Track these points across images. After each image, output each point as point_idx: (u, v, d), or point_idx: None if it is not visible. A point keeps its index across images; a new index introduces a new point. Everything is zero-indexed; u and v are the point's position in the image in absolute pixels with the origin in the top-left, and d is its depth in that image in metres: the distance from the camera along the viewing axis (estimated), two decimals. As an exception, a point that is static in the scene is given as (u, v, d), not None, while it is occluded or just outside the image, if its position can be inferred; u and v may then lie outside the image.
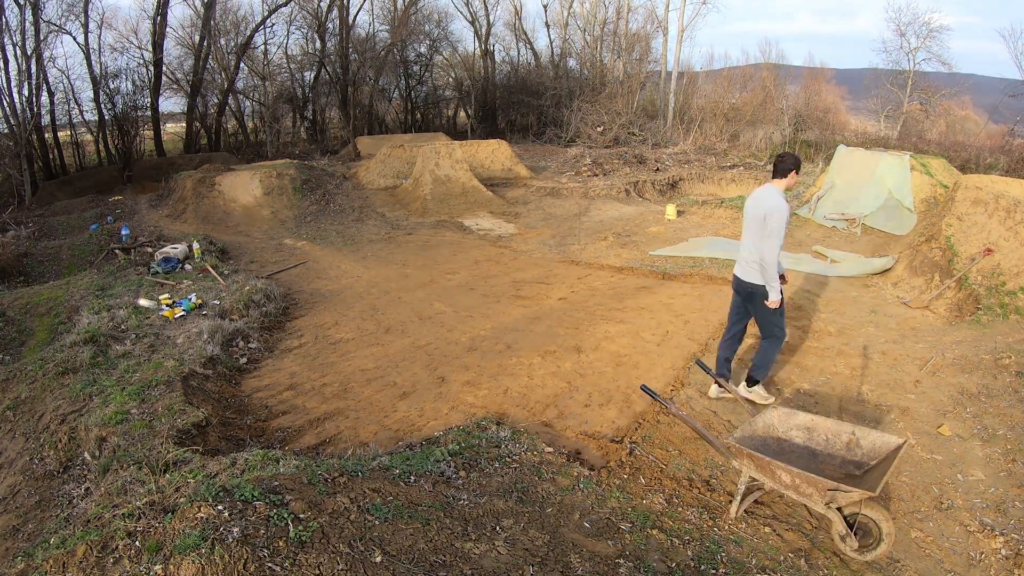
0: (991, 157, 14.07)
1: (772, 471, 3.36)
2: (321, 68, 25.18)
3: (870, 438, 3.56)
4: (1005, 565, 3.23)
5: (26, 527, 3.98)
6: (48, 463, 4.51)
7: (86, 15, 19.78)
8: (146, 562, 2.34)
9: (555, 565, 2.91)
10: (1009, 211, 7.00)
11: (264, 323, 7.13)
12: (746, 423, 3.80)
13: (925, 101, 21.38)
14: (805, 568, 3.24)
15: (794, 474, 3.26)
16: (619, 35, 27.03)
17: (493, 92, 29.35)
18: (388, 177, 15.57)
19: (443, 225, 12.45)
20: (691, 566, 3.13)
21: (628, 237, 10.90)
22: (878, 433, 3.56)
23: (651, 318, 6.90)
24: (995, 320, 6.25)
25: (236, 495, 2.77)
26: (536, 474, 3.85)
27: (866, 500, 3.17)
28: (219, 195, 13.47)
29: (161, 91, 21.81)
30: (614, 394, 5.22)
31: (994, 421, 4.52)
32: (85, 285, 8.09)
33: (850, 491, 3.09)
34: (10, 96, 17.02)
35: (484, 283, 8.53)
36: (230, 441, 4.63)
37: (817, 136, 18.21)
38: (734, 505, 3.59)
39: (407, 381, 5.60)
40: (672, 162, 17.87)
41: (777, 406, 3.95)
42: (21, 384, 5.49)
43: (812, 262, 8.94)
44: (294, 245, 11.25)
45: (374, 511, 2.98)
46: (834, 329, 6.47)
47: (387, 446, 4.37)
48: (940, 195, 9.49)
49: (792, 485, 3.31)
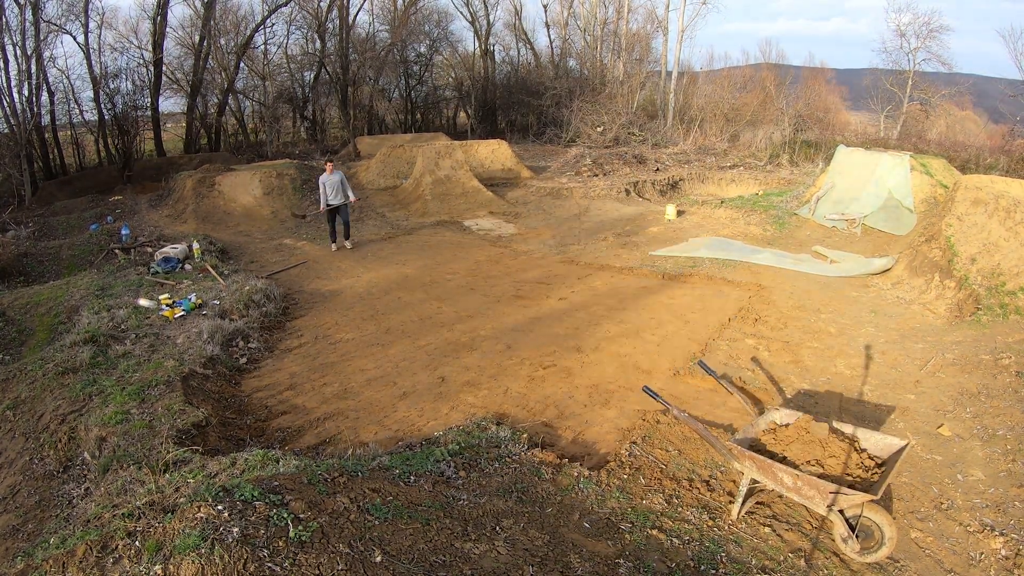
0: (991, 157, 14.06)
1: (774, 473, 3.35)
2: (321, 68, 25.16)
3: (872, 439, 3.55)
4: (1005, 565, 3.23)
5: (26, 527, 3.98)
6: (48, 463, 4.51)
7: (86, 15, 19.77)
8: (146, 562, 2.34)
9: (555, 565, 2.91)
10: (1009, 211, 7.00)
11: (264, 323, 7.12)
12: (748, 425, 3.80)
13: (925, 101, 21.37)
14: (805, 568, 3.24)
15: (796, 476, 3.25)
16: (619, 35, 27.02)
17: (493, 92, 29.33)
18: (388, 177, 15.56)
19: (443, 225, 12.45)
20: (691, 566, 3.13)
21: (628, 237, 10.90)
22: (880, 435, 3.56)
23: (651, 318, 6.89)
24: (995, 320, 6.25)
25: (236, 495, 2.77)
26: (536, 474, 3.85)
27: (868, 503, 3.16)
28: (219, 195, 13.47)
29: (161, 91, 21.80)
30: (614, 394, 5.22)
31: (994, 421, 4.52)
32: (85, 285, 8.08)
33: (852, 494, 3.08)
34: (10, 96, 17.02)
35: (484, 283, 8.53)
36: (230, 441, 4.63)
37: (817, 136, 18.19)
38: (735, 507, 3.58)
39: (407, 381, 5.60)
40: (672, 162, 17.87)
41: (779, 407, 3.95)
42: (21, 384, 5.49)
43: (812, 262, 8.94)
44: (294, 245, 11.25)
45: (374, 511, 2.97)
46: (834, 329, 6.47)
47: (387, 446, 4.37)
48: (940, 195, 9.49)
49: (794, 487, 3.30)
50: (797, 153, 16.95)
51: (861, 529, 3.28)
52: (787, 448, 3.69)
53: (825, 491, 3.17)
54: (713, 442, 3.59)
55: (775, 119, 20.78)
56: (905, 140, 17.55)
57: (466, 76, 29.53)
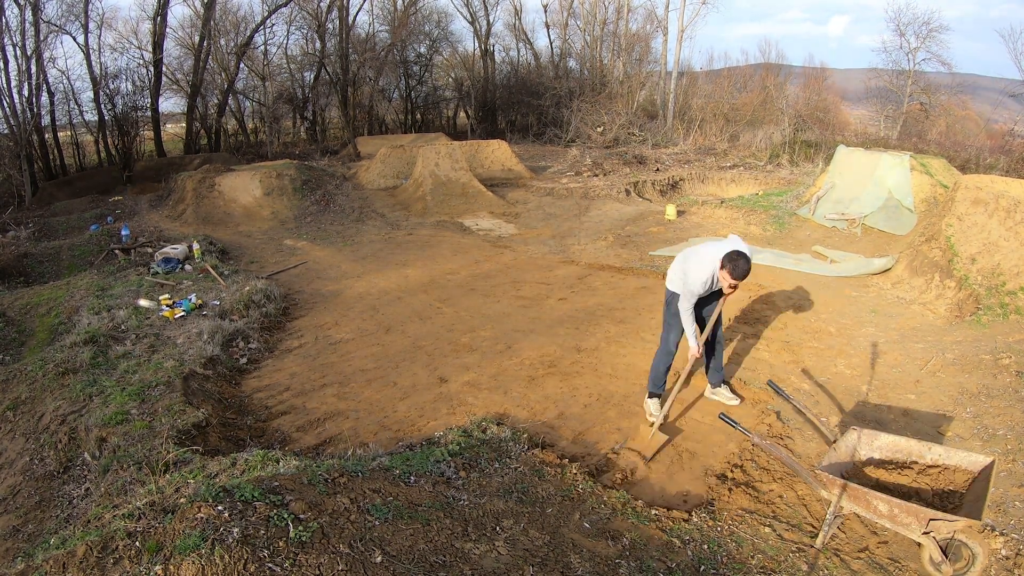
0: (991, 157, 14.06)
1: (868, 501, 3.18)
2: (321, 68, 25.17)
3: (955, 457, 3.44)
4: (1005, 565, 3.23)
5: (26, 527, 3.98)
6: (48, 463, 4.51)
7: (86, 15, 19.80)
8: (146, 562, 2.34)
9: (555, 565, 2.91)
10: (1009, 211, 7.00)
11: (264, 323, 7.12)
12: (830, 450, 3.61)
13: (925, 101, 21.37)
14: (805, 568, 3.24)
15: (893, 504, 3.09)
16: (619, 35, 27.04)
17: (493, 92, 29.34)
18: (388, 177, 15.57)
19: (443, 225, 12.45)
20: (691, 566, 3.13)
21: (628, 237, 10.90)
22: (964, 452, 3.44)
23: (651, 318, 6.89)
24: (995, 320, 6.25)
25: (236, 495, 2.77)
26: (536, 474, 3.85)
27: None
28: (219, 195, 13.47)
29: (161, 91, 21.84)
30: (614, 394, 5.22)
31: (994, 421, 4.52)
32: (85, 285, 8.09)
33: (954, 520, 2.90)
34: (10, 96, 17.03)
35: (484, 283, 8.53)
36: (230, 441, 4.63)
37: (817, 136, 18.19)
38: (821, 535, 3.38)
39: (407, 381, 5.60)
40: (672, 162, 17.88)
41: (859, 428, 3.76)
42: (21, 384, 5.49)
43: (812, 262, 8.94)
44: (294, 245, 11.26)
45: (374, 511, 2.98)
46: (834, 329, 6.47)
47: (387, 446, 4.37)
48: (940, 195, 9.49)
49: (889, 515, 3.14)
50: (797, 153, 16.95)
51: (952, 552, 3.15)
52: (875, 471, 3.53)
53: (924, 518, 3.00)
54: (800, 470, 3.45)
55: (775, 119, 20.78)
56: (905, 140, 17.56)
57: (466, 76, 29.55)
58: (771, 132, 19.09)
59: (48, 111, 19.54)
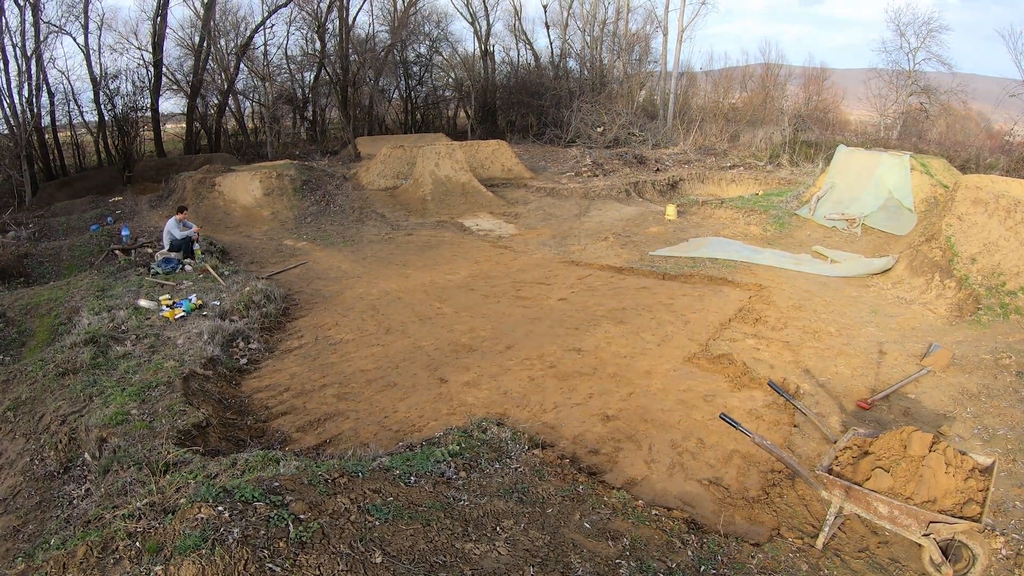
0: (991, 157, 14.07)
1: (868, 502, 3.18)
2: (321, 69, 25.16)
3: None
4: (1005, 565, 3.23)
5: (26, 528, 3.98)
6: (48, 464, 4.51)
7: (86, 16, 19.79)
8: (146, 563, 2.34)
9: (555, 566, 2.91)
10: (1009, 211, 7.00)
11: (264, 324, 7.12)
12: (830, 450, 3.60)
13: (925, 101, 21.35)
14: (805, 568, 3.24)
15: (893, 505, 3.08)
16: (619, 35, 27.03)
17: (493, 92, 29.33)
18: (388, 178, 15.56)
19: (443, 225, 12.45)
20: (691, 566, 3.13)
21: (628, 237, 10.90)
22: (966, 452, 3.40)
23: (651, 318, 6.89)
24: (995, 320, 6.25)
25: (236, 496, 2.77)
26: (537, 475, 3.85)
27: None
28: (219, 196, 13.47)
29: (161, 92, 21.82)
30: (614, 394, 5.22)
31: (994, 421, 4.52)
32: (85, 286, 8.08)
33: (955, 523, 2.90)
34: (10, 97, 17.03)
35: (484, 283, 8.53)
36: (230, 442, 4.63)
37: (817, 136, 18.19)
38: (821, 537, 3.39)
39: (407, 382, 5.60)
40: (672, 162, 17.87)
41: (855, 429, 3.75)
42: (22, 385, 5.49)
43: (812, 262, 8.94)
44: (294, 246, 11.25)
45: (374, 512, 2.97)
46: (834, 329, 6.47)
47: (387, 447, 4.37)
48: (940, 195, 9.49)
49: (889, 516, 3.13)
50: (797, 153, 16.95)
51: (952, 553, 3.13)
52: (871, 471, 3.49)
53: (924, 520, 2.99)
54: (799, 470, 3.44)
55: (775, 119, 20.78)
56: (905, 140, 17.56)
57: (466, 77, 29.53)
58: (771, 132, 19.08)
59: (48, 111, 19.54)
